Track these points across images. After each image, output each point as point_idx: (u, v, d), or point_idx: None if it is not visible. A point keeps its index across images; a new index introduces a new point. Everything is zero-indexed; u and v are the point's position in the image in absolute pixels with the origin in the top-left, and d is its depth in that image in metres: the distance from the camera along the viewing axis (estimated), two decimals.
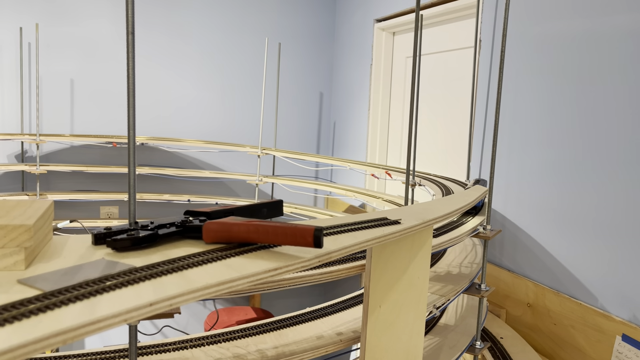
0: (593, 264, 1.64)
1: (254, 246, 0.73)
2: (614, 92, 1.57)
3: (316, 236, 0.67)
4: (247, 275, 0.62)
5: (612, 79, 1.58)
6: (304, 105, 3.61)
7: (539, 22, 1.87)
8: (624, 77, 1.54)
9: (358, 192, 2.69)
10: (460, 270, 1.50)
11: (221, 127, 3.39)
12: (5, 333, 0.43)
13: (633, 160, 1.51)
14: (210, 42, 3.30)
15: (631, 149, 1.52)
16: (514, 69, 1.97)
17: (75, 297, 0.51)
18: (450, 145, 2.53)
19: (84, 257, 0.66)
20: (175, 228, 0.75)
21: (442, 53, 2.58)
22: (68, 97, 3.03)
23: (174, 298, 0.55)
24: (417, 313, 1.03)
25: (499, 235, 2.04)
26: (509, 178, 1.99)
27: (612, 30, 1.58)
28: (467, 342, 1.40)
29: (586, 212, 1.67)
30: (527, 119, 1.91)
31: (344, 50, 3.47)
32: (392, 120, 3.09)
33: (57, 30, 2.95)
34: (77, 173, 3.07)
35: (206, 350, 1.01)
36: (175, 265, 0.62)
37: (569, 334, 1.69)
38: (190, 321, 3.42)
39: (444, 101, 2.57)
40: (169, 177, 3.23)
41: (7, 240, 0.59)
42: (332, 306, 1.28)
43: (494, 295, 2.02)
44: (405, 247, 0.98)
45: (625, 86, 1.54)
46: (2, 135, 2.72)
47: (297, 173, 3.51)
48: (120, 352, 0.97)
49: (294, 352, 1.01)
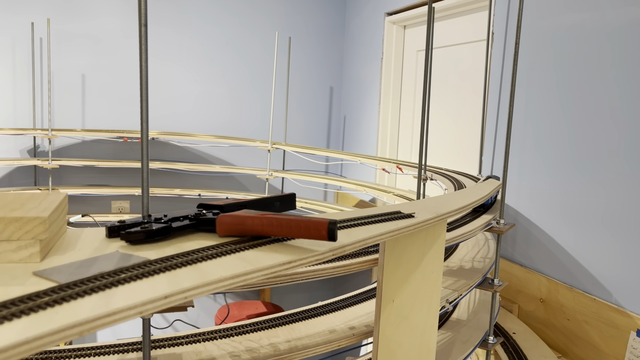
0: (607, 259, 1.62)
1: (267, 239, 0.72)
2: (629, 85, 1.55)
3: (330, 229, 0.66)
4: (261, 268, 0.62)
5: (626, 72, 1.55)
6: (314, 100, 3.60)
7: (552, 14, 1.84)
8: (637, 71, 1.52)
9: (368, 187, 2.68)
10: (473, 265, 1.48)
11: (231, 122, 3.39)
12: (22, 325, 0.43)
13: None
14: (220, 37, 3.29)
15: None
16: (527, 62, 1.95)
17: (90, 289, 0.51)
18: (462, 140, 2.51)
19: (98, 249, 0.65)
20: (188, 221, 0.75)
21: (454, 46, 2.56)
22: (79, 92, 3.04)
23: (188, 291, 0.54)
24: (430, 307, 1.02)
25: (512, 230, 2.02)
26: (522, 173, 1.97)
27: (627, 22, 1.55)
28: (479, 337, 1.39)
29: (600, 206, 1.65)
30: (540, 113, 1.89)
31: (355, 44, 3.45)
32: (403, 114, 3.08)
33: (68, 26, 2.97)
34: (88, 168, 3.09)
35: (219, 343, 1.01)
36: (189, 258, 0.62)
37: (583, 330, 1.67)
38: (201, 315, 3.44)
39: (455, 95, 2.55)
40: (180, 172, 3.24)
41: (23, 232, 0.59)
42: (344, 300, 1.27)
43: (506, 290, 2.01)
44: (419, 240, 0.97)
45: (639, 80, 1.51)
46: (15, 130, 2.74)
47: (307, 167, 3.51)
48: (133, 344, 0.98)
49: (306, 345, 1.01)
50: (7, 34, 2.86)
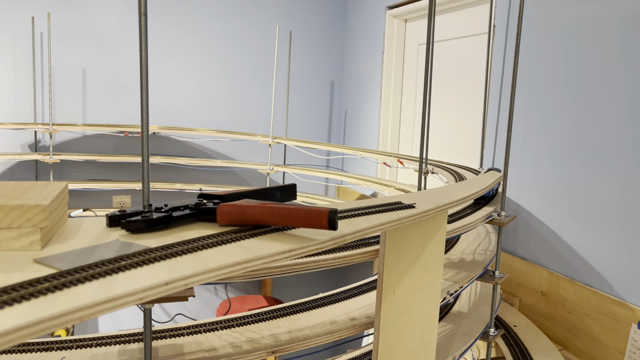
0: (608, 252, 1.62)
1: (268, 228, 0.72)
2: (632, 77, 1.54)
3: (331, 218, 0.66)
4: (261, 257, 0.62)
5: (629, 66, 1.55)
6: (315, 94, 3.59)
7: (554, 6, 1.83)
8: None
9: (370, 181, 2.68)
10: (474, 257, 1.48)
11: (232, 116, 3.39)
12: (22, 309, 0.43)
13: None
14: (221, 31, 3.29)
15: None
16: (529, 55, 1.94)
17: (91, 275, 0.51)
18: (463, 134, 2.50)
19: (99, 238, 0.66)
20: (189, 211, 0.75)
21: (455, 40, 2.55)
22: (80, 87, 3.04)
23: (189, 278, 0.54)
24: (431, 298, 1.02)
25: (513, 223, 2.02)
26: (523, 165, 1.97)
27: (630, 14, 1.55)
28: (480, 329, 1.39)
29: (601, 199, 1.64)
30: (542, 106, 1.88)
31: (356, 38, 3.44)
32: (404, 108, 3.07)
33: (68, 20, 2.96)
34: (89, 162, 3.09)
35: (220, 334, 1.02)
36: (189, 246, 0.62)
37: (584, 322, 1.68)
38: (203, 309, 3.44)
39: (456, 89, 2.55)
40: (181, 167, 3.24)
41: (23, 220, 0.59)
42: (345, 292, 1.27)
43: (507, 283, 2.01)
44: (420, 231, 0.97)
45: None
46: (16, 125, 2.74)
47: (308, 162, 3.50)
48: (134, 335, 0.98)
49: (307, 336, 1.01)
50: (7, 29, 2.85)
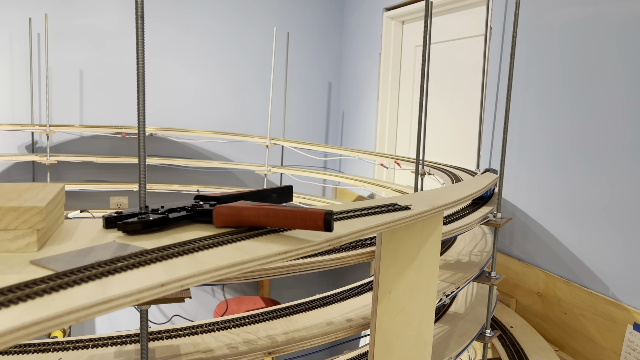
0: (604, 253, 1.63)
1: (264, 230, 0.73)
2: (627, 79, 1.55)
3: (326, 220, 0.66)
4: (257, 258, 0.62)
5: (625, 67, 1.56)
6: (313, 95, 3.60)
7: (550, 9, 1.84)
8: (636, 65, 1.52)
9: (367, 182, 2.69)
10: (470, 258, 1.49)
11: (229, 118, 3.39)
12: (18, 311, 0.43)
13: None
14: (218, 32, 3.29)
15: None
16: (525, 57, 1.95)
17: (87, 277, 0.51)
18: (460, 135, 2.51)
19: (96, 239, 0.66)
20: (185, 212, 0.75)
21: (452, 42, 2.56)
22: (77, 88, 3.04)
23: (185, 279, 0.55)
24: (427, 299, 1.03)
25: (509, 224, 2.03)
26: (519, 167, 1.98)
27: (625, 16, 1.56)
28: (476, 330, 1.39)
29: (597, 200, 1.65)
30: (538, 107, 1.89)
31: (353, 39, 3.45)
32: (401, 110, 3.08)
33: (66, 21, 2.96)
34: (86, 163, 3.09)
35: (216, 335, 1.02)
36: (186, 248, 0.62)
37: (580, 323, 1.68)
38: (200, 311, 3.44)
39: (453, 90, 2.55)
40: (178, 168, 3.24)
41: (20, 222, 0.59)
42: (341, 293, 1.28)
43: (503, 284, 2.01)
44: (415, 233, 0.98)
45: (638, 73, 1.51)
46: (13, 126, 2.74)
47: (305, 163, 3.51)
48: (131, 336, 0.98)
49: (303, 337, 1.01)
50: (4, 30, 2.85)
